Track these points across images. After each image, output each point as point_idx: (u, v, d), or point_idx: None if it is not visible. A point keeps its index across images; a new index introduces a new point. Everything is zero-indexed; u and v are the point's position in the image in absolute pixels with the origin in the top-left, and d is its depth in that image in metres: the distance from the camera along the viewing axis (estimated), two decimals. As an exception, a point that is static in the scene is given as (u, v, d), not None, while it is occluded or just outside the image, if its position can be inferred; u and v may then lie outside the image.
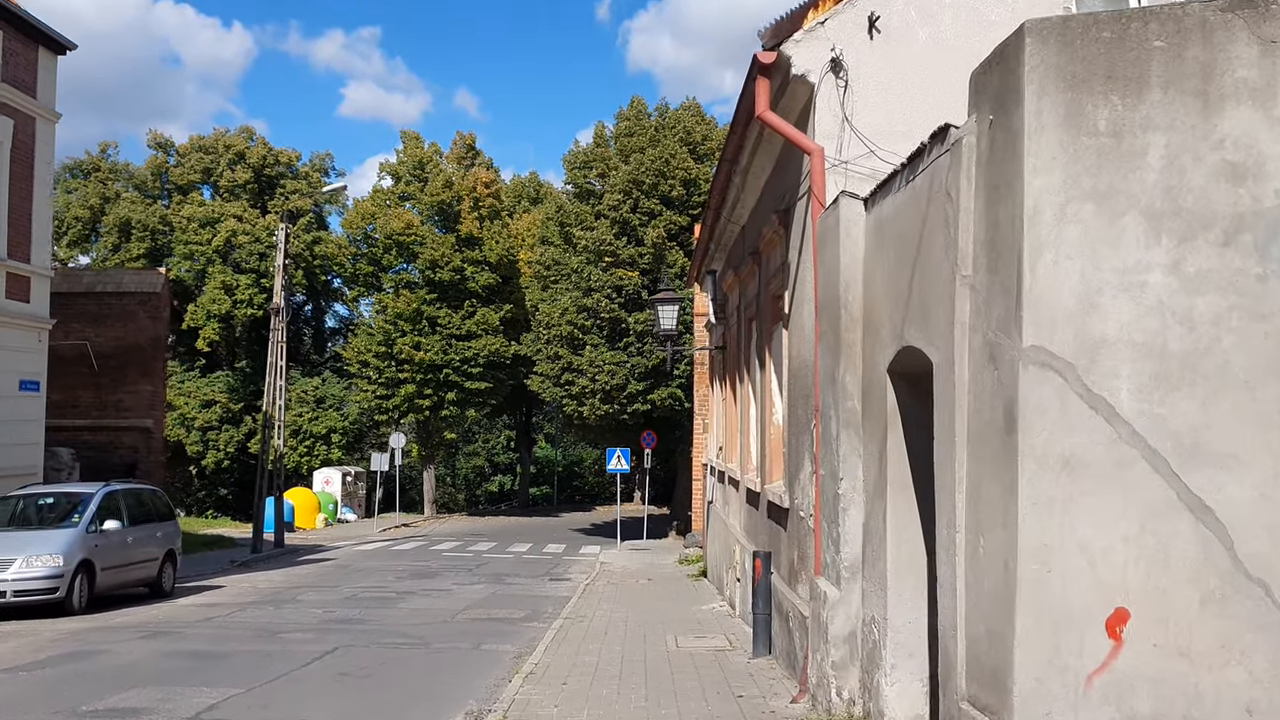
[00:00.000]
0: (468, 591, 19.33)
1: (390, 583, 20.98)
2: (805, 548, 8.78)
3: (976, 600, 5.07)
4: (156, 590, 18.13)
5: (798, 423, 9.26)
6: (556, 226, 39.32)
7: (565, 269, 37.41)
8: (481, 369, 46.14)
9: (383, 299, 47.35)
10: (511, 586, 20.58)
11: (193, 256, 49.96)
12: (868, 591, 7.13)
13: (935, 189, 5.68)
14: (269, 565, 26.09)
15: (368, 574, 23.34)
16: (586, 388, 35.46)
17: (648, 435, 34.77)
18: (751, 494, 12.74)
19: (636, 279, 35.45)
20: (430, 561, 26.84)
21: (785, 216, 9.79)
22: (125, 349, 26.95)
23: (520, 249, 48.30)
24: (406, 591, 19.16)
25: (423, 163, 48.26)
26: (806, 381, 8.81)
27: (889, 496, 6.70)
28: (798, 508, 9.16)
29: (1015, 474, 4.69)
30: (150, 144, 52.75)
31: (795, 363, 9.41)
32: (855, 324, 7.37)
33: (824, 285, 7.92)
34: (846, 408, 7.39)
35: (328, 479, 47.06)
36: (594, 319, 35.80)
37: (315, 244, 50.70)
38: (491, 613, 16.06)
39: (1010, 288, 4.82)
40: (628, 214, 35.74)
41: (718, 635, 12.43)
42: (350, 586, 20.10)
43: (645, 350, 35.09)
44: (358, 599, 17.90)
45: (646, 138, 36.89)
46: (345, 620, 14.95)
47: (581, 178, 38.66)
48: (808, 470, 8.68)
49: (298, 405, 50.22)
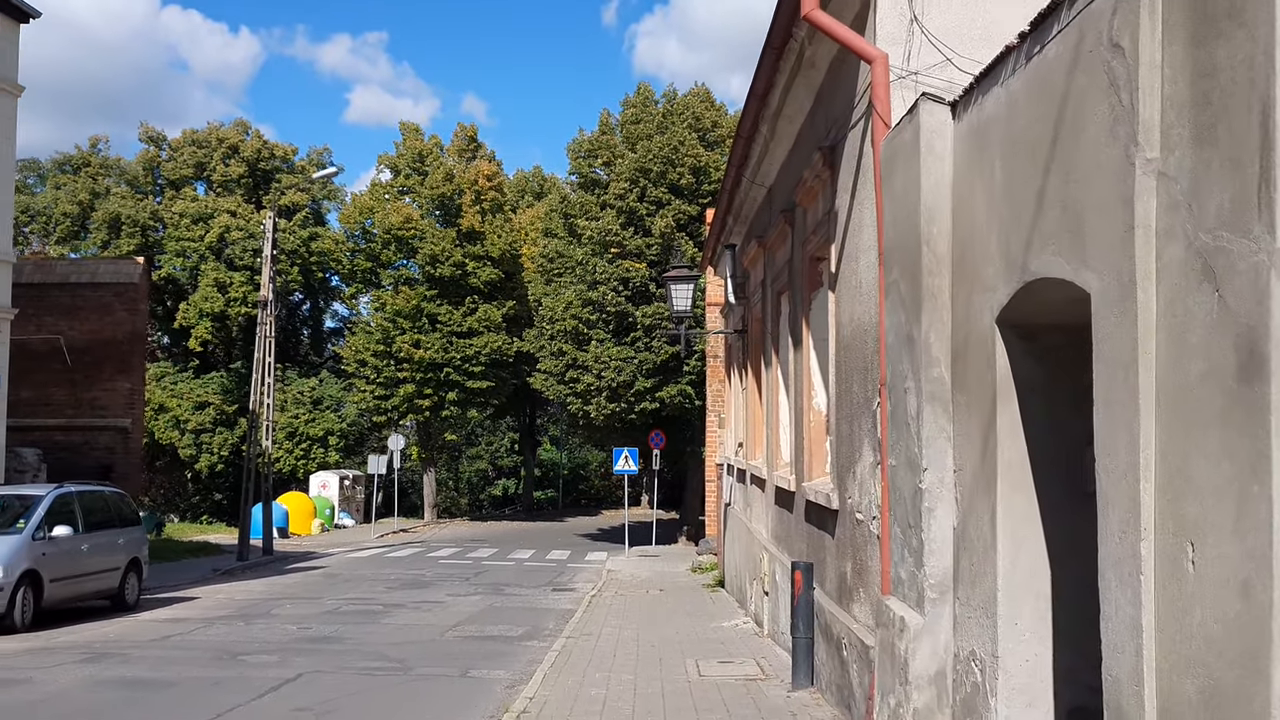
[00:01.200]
0: (462, 604, 17.60)
1: (379, 594, 19.27)
2: (865, 559, 7.04)
3: (1181, 640, 3.33)
4: (118, 603, 16.41)
5: (851, 404, 7.53)
6: (560, 218, 37.59)
7: (569, 261, 35.67)
8: (483, 368, 44.40)
9: (381, 296, 45.63)
10: (510, 598, 18.85)
11: (185, 253, 48.34)
12: (963, 618, 5.39)
13: (1088, 48, 3.94)
14: (253, 574, 24.41)
15: (356, 584, 21.64)
16: (592, 385, 33.72)
17: (656, 435, 33.05)
18: (783, 494, 11.00)
19: (644, 271, 33.69)
20: (425, 570, 25.12)
21: (831, 155, 8.05)
22: (101, 343, 25.28)
23: (523, 244, 46.54)
24: (395, 604, 17.43)
25: (423, 155, 46.56)
26: (864, 352, 7.07)
27: (999, 491, 4.96)
28: (853, 509, 7.42)
29: (1266, 445, 2.95)
30: (142, 138, 51.14)
31: (846, 331, 7.68)
32: (941, 266, 5.63)
33: (893, 224, 6.19)
34: (931, 377, 5.65)
35: (325, 483, 45.41)
36: (600, 313, 34.05)
37: (312, 240, 49.05)
38: (486, 629, 14.31)
39: (1246, 160, 3.08)
40: (634, 203, 34.01)
41: (746, 660, 10.67)
42: (334, 598, 18.38)
43: (653, 346, 33.35)
44: (339, 613, 16.17)
45: (654, 124, 35.16)
46: (320, 639, 13.22)
47: (586, 167, 36.91)
48: (868, 462, 6.94)
49: (294, 407, 48.57)
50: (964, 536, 5.39)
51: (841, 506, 7.83)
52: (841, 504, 7.83)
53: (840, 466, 7.89)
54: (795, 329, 10.16)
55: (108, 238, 47.97)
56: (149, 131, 51.23)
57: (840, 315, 7.90)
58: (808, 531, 9.43)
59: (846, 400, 7.68)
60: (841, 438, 7.86)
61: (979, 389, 5.17)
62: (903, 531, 6.05)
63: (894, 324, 6.21)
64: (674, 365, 33.62)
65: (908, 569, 5.94)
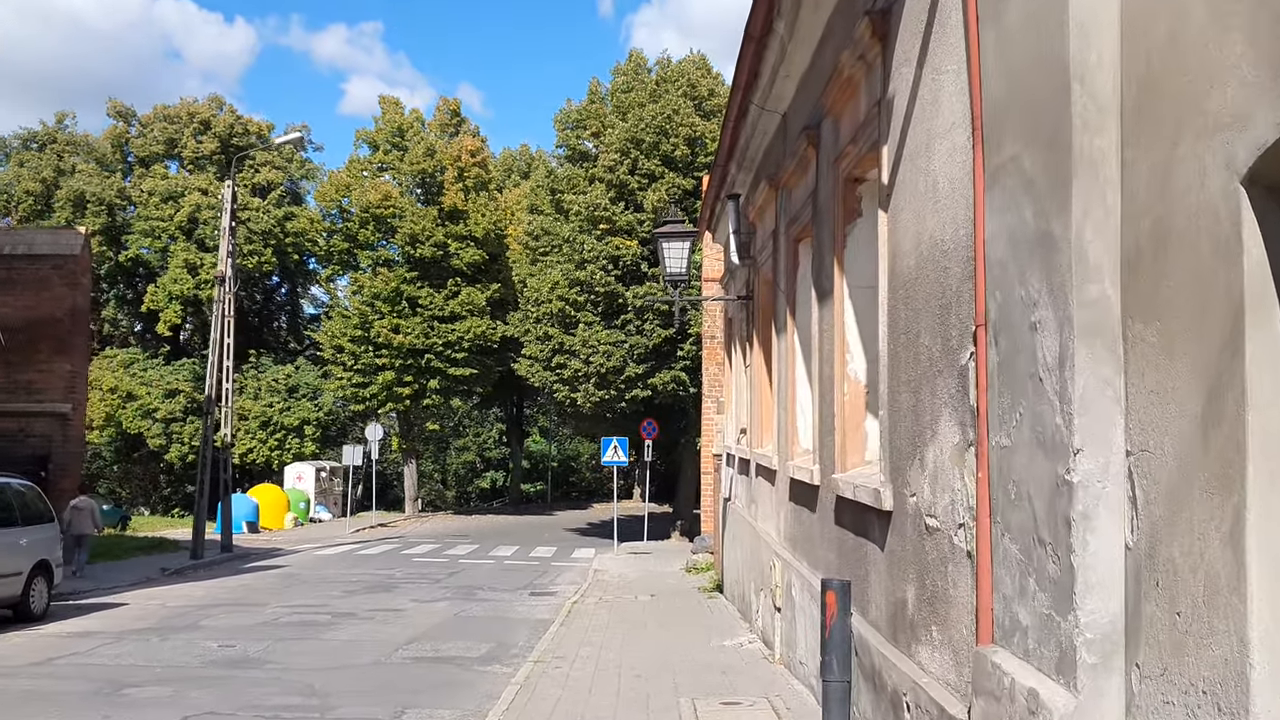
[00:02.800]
0: (424, 612, 15.39)
1: (333, 599, 17.05)
2: (942, 583, 4.83)
3: None
4: (22, 613, 14.12)
5: (916, 363, 5.31)
6: (547, 193, 35.28)
7: (555, 239, 33.39)
8: (466, 354, 42.09)
9: (359, 278, 43.27)
10: (482, 604, 16.64)
11: (154, 233, 45.99)
12: (1153, 703, 3.17)
13: None
14: (204, 574, 22.22)
15: (314, 586, 19.44)
16: (579, 371, 31.49)
17: (648, 424, 30.84)
18: (801, 488, 8.79)
19: (635, 249, 31.45)
20: (396, 569, 22.91)
21: (883, 21, 5.83)
22: (38, 321, 22.92)
23: (509, 223, 44.16)
24: (346, 613, 15.20)
25: (403, 130, 44.16)
26: (943, 283, 4.86)
27: (1249, 485, 2.73)
28: (919, 511, 5.20)
29: None
30: (110, 113, 48.74)
31: (908, 260, 5.46)
32: (1104, 117, 3.42)
33: (1005, 75, 3.98)
34: (1086, 299, 3.43)
35: (300, 475, 43.14)
36: (588, 294, 31.79)
37: (287, 220, 46.66)
38: (443, 647, 12.08)
39: None
40: (625, 176, 31.74)
41: (757, 701, 8.45)
42: (280, 605, 16.15)
43: (645, 329, 31.10)
44: (278, 624, 13.93)
45: (646, 93, 32.89)
46: (237, 663, 10.99)
47: (574, 139, 34.61)
48: (950, 443, 4.73)
49: (268, 395, 46.29)
50: (1153, 563, 3.17)
51: (898, 507, 5.61)
52: (898, 503, 5.61)
53: (896, 452, 5.67)
54: (822, 279, 7.93)
55: (72, 216, 45.55)
56: (117, 107, 48.83)
57: (898, 240, 5.67)
58: (839, 538, 7.22)
59: (908, 358, 5.45)
60: (898, 412, 5.64)
61: (1198, 306, 2.95)
62: (1024, 550, 3.83)
63: (1008, 226, 3.98)
64: (667, 350, 31.41)
65: (1036, 610, 3.72)
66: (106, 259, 46.21)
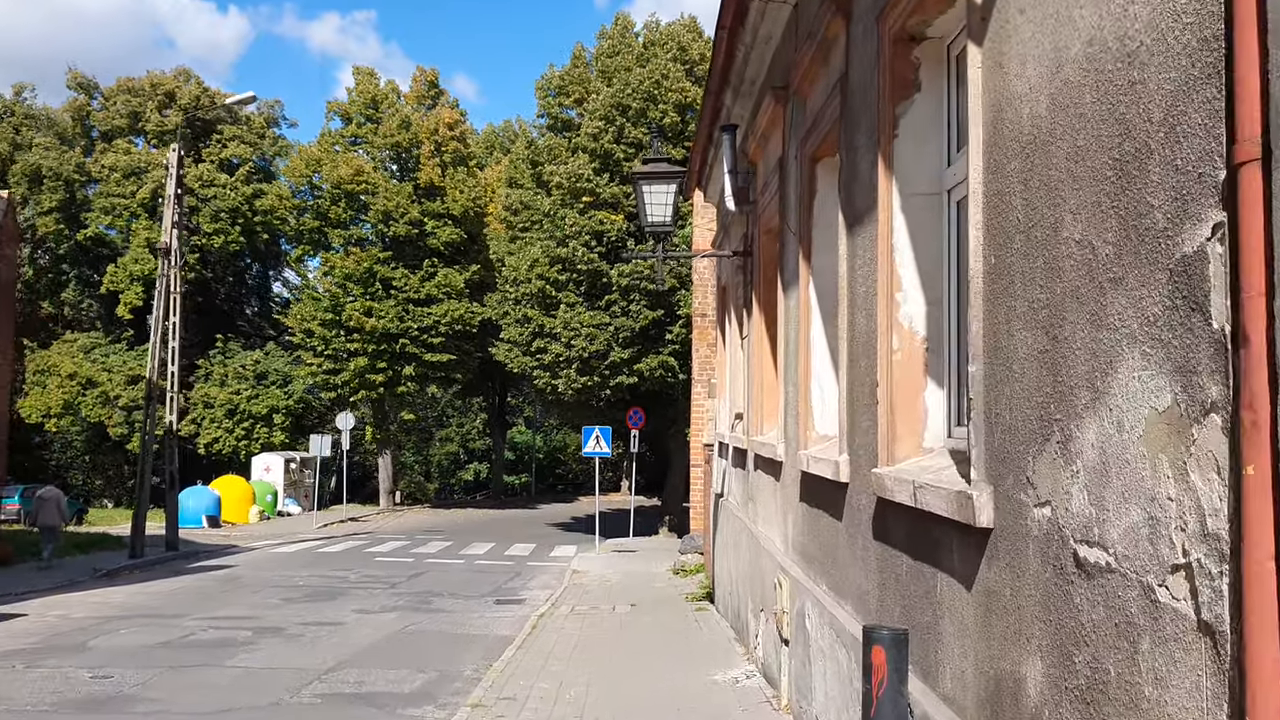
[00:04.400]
0: (366, 627, 13.16)
1: (266, 610, 14.81)
2: (1127, 673, 2.61)
3: None
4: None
5: (1046, 281, 3.08)
6: (527, 166, 32.98)
7: (535, 213, 31.10)
8: (443, 339, 39.78)
9: (330, 259, 40.89)
10: (436, 615, 14.41)
11: (114, 211, 43.53)
12: None
13: None
14: (138, 576, 20.04)
15: (253, 592, 17.23)
16: (560, 356, 29.23)
17: (635, 413, 28.63)
18: (821, 486, 6.57)
19: (620, 223, 29.17)
20: (352, 570, 20.69)
21: None
22: (-45, 295, 20.66)
23: (489, 201, 41.79)
24: (273, 628, 12.96)
25: (377, 101, 41.74)
26: (1122, 120, 2.62)
27: None
28: (1063, 532, 2.98)
29: None
30: (70, 84, 46.18)
31: (1028, 110, 3.23)
32: None
33: None
34: None
35: (268, 466, 40.82)
36: (569, 272, 29.50)
37: (256, 198, 44.21)
38: (369, 679, 9.84)
39: None
40: (610, 145, 29.45)
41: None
42: (201, 617, 13.92)
43: (631, 310, 28.85)
44: (184, 645, 11.69)
45: (633, 56, 30.58)
46: (100, 702, 8.73)
47: (556, 106, 32.28)
48: (1150, 410, 2.50)
49: (235, 382, 43.96)
50: None
51: (1008, 522, 3.39)
52: (1008, 516, 3.39)
53: (1002, 432, 3.44)
54: (856, 197, 5.70)
55: (26, 193, 43.13)
56: (78, 78, 46.32)
57: (1008, 81, 3.42)
58: (882, 559, 5.01)
59: (1032, 274, 3.21)
60: (1008, 366, 3.40)
61: None
62: None
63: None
64: (654, 333, 29.18)
65: None
66: (64, 238, 43.76)
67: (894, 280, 4.93)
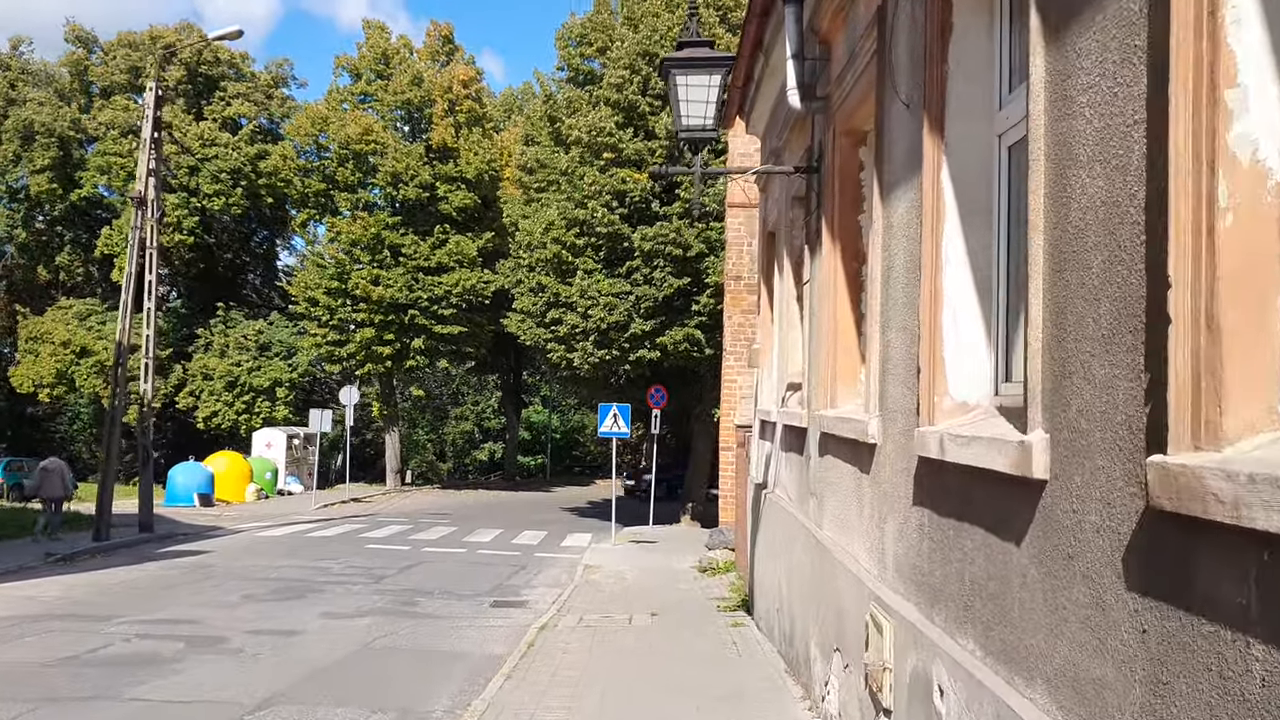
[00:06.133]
0: (327, 638, 10.76)
1: (217, 610, 12.45)
2: None
3: None
4: None
5: None
6: (545, 123, 30.40)
7: (552, 172, 28.55)
8: (455, 310, 37.36)
9: (336, 223, 38.48)
10: (416, 624, 11.99)
11: (111, 170, 41.24)
12: None
13: None
14: (98, 563, 17.93)
15: (214, 585, 14.95)
16: (577, 327, 26.73)
17: (656, 391, 26.16)
18: (971, 483, 4.07)
19: (644, 183, 26.58)
20: (338, 560, 18.36)
21: None
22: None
23: (505, 166, 39.21)
24: (214, 638, 10.59)
25: (388, 57, 39.22)
26: None
27: None
28: None
29: None
30: (68, 38, 43.89)
31: None
32: None
33: None
34: None
35: (270, 441, 38.63)
36: (588, 236, 26.96)
37: (260, 159, 41.81)
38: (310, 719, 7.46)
39: None
40: (634, 96, 26.83)
41: None
42: (131, 620, 11.57)
43: (654, 278, 26.28)
44: (90, 661, 9.33)
45: (661, 1, 27.90)
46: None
47: (577, 58, 29.64)
48: None
49: (236, 353, 41.73)
50: None
51: None
52: None
53: None
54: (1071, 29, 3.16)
55: (19, 150, 40.96)
56: (76, 31, 44.03)
57: None
58: (1164, 632, 2.49)
59: None
60: None
61: None
62: None
63: None
64: (680, 303, 26.62)
65: None
66: (59, 199, 41.58)
67: (1222, 67, 2.38)
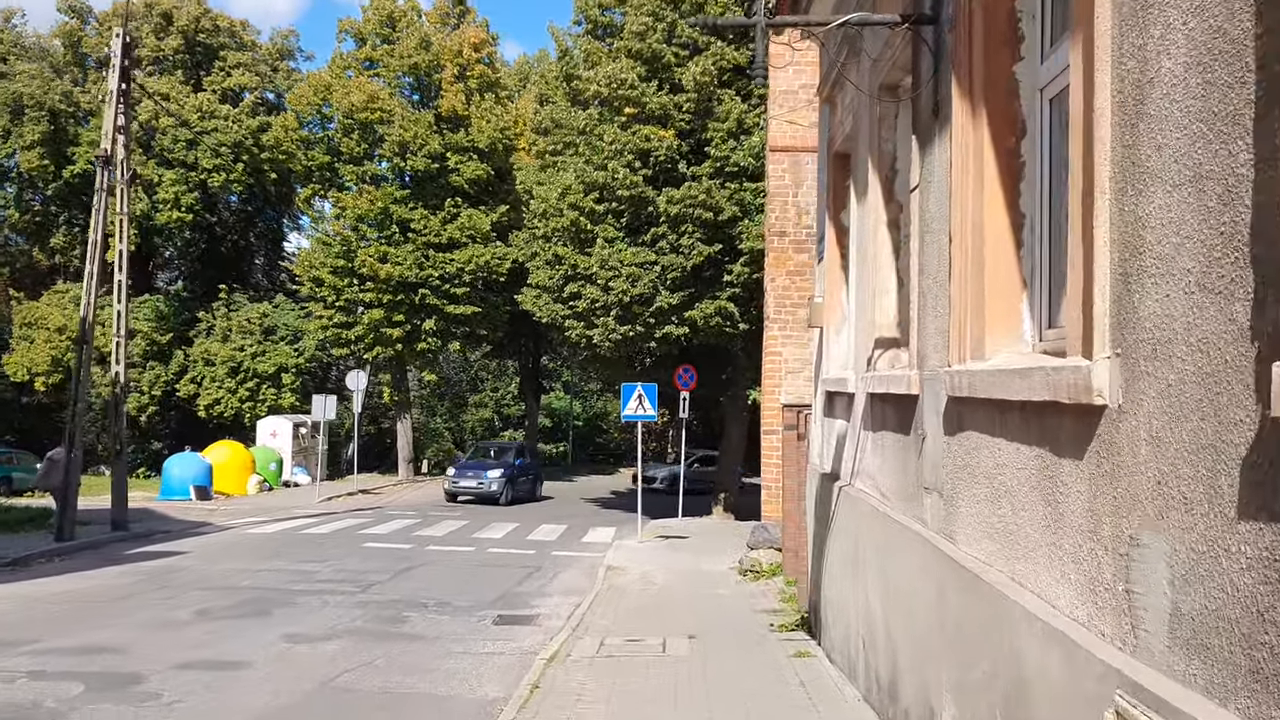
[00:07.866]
0: (273, 679, 8.37)
1: (146, 636, 10.11)
2: None
3: None
4: None
5: None
6: (561, 82, 27.90)
7: (569, 132, 26.06)
8: (468, 289, 34.97)
9: (341, 198, 36.14)
10: (397, 649, 9.58)
11: (105, 145, 39.02)
12: None
13: None
14: (52, 567, 15.90)
15: (170, 596, 12.68)
16: (597, 301, 24.25)
17: (684, 371, 23.68)
18: None
19: (671, 140, 24.04)
20: (325, 563, 16.02)
21: None
22: None
23: (519, 135, 36.71)
24: (123, 676, 8.22)
25: (394, 19, 36.79)
26: None
27: None
28: None
29: None
30: (60, 8, 41.70)
31: None
32: None
33: None
34: None
35: (275, 430, 36.46)
36: (608, 200, 24.46)
37: (262, 131, 39.52)
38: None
39: None
40: (658, 45, 24.25)
41: None
42: (38, 650, 9.24)
43: (682, 246, 23.76)
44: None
45: (688, -59, 25.29)
46: None
47: (594, 8, 27.07)
48: None
49: (239, 337, 39.52)
50: None
51: None
52: None
53: None
54: None
55: (8, 125, 38.86)
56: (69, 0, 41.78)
57: None
58: None
59: None
60: None
61: None
62: None
63: None
64: (710, 273, 24.09)
65: None
66: (51, 176, 39.47)
67: None
